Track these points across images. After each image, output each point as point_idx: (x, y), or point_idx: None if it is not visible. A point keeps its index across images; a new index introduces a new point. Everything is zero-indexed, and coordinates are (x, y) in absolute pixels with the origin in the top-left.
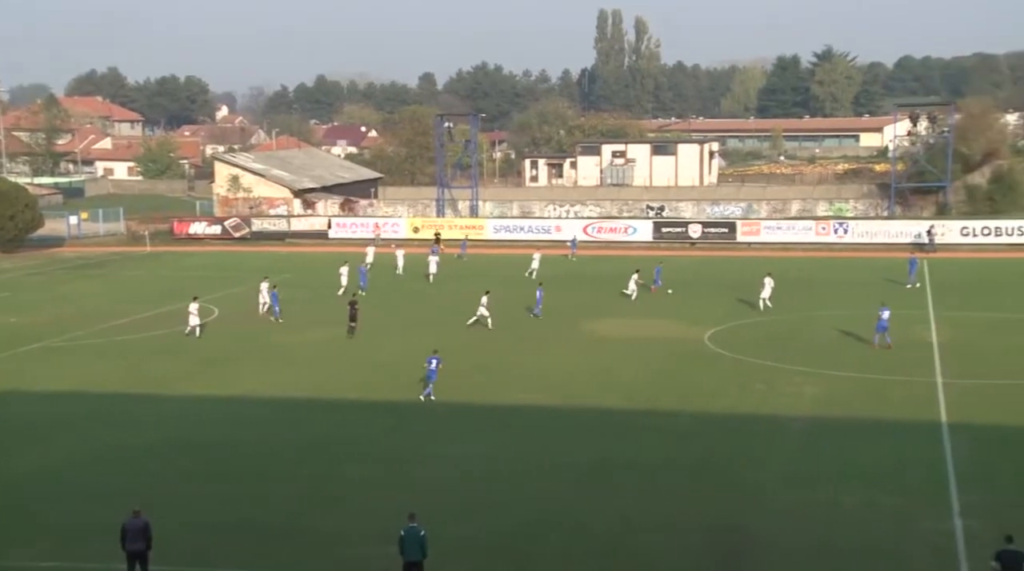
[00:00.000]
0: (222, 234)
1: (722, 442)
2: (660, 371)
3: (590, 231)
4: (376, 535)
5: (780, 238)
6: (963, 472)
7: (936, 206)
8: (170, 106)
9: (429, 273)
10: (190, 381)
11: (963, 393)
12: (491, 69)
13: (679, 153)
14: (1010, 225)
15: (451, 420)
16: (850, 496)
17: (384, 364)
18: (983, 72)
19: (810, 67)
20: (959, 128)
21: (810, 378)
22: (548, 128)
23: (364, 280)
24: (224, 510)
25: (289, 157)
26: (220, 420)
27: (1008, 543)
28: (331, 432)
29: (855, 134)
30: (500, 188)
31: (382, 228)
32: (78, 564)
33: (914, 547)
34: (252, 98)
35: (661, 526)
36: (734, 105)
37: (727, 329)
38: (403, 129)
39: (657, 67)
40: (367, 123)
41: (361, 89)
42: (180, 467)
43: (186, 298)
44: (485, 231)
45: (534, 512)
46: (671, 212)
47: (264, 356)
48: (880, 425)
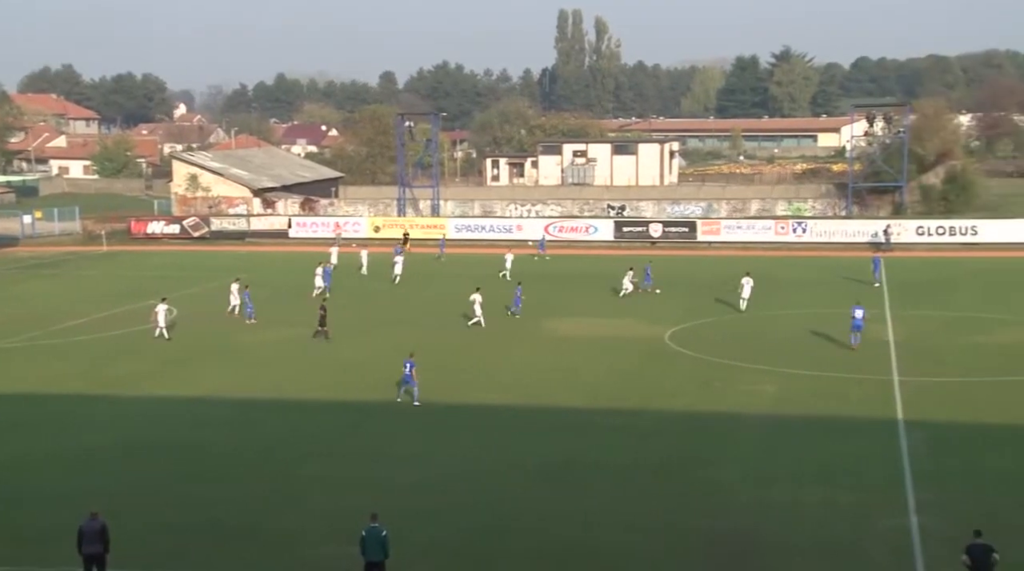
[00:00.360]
0: (180, 234)
1: (683, 441)
2: (622, 370)
3: (551, 230)
4: (338, 535)
5: (740, 237)
6: (918, 469)
7: (892, 206)
8: (126, 104)
9: (395, 274)
10: (149, 382)
11: (919, 391)
12: (452, 68)
13: (640, 153)
14: (964, 225)
15: (414, 420)
16: (809, 494)
17: (347, 364)
18: (936, 73)
19: (768, 68)
20: (914, 129)
21: (769, 377)
22: (509, 127)
23: (328, 281)
24: (185, 511)
25: (248, 156)
26: (181, 421)
27: (976, 537)
28: (293, 432)
29: (813, 134)
30: (461, 187)
31: (343, 227)
32: (34, 568)
33: (871, 544)
34: (210, 96)
35: (625, 526)
36: (694, 105)
37: (688, 328)
38: (364, 128)
39: (617, 67)
40: (327, 122)
41: (321, 88)
42: (139, 468)
43: (144, 298)
44: (447, 231)
45: (498, 512)
46: (632, 211)
47: (226, 356)
48: (838, 423)
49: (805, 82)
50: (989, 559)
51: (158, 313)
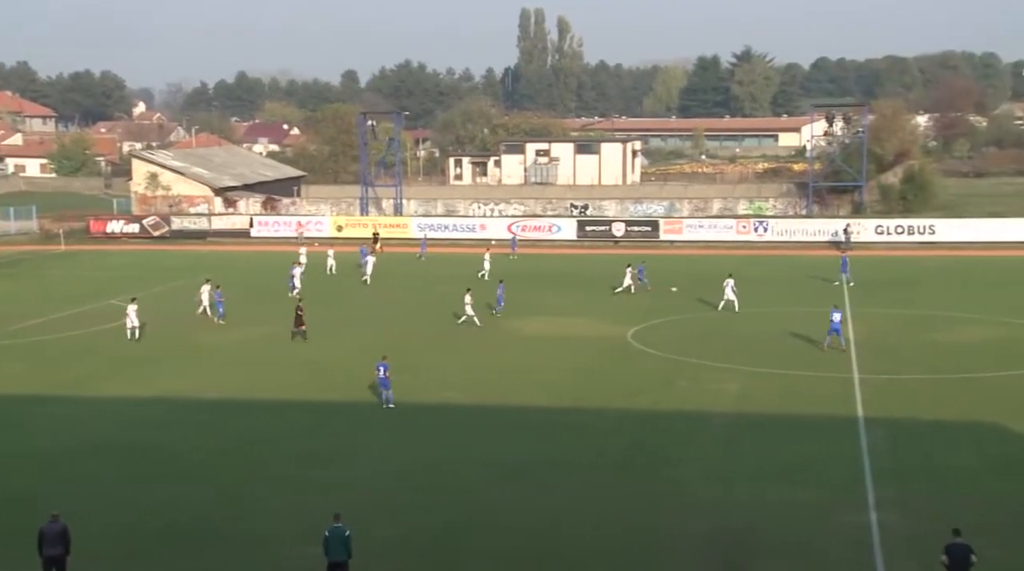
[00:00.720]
0: (140, 233)
1: (646, 440)
2: (585, 369)
3: (514, 229)
4: (300, 535)
5: (702, 236)
6: (878, 467)
7: (852, 205)
8: (84, 102)
9: (366, 274)
10: (109, 382)
11: (879, 389)
12: (415, 67)
13: (602, 152)
14: (922, 224)
15: (376, 420)
16: (770, 492)
17: (311, 364)
18: (894, 74)
19: (730, 67)
20: (873, 129)
21: (732, 375)
22: (472, 127)
23: (292, 281)
24: (147, 513)
25: (209, 155)
26: (143, 422)
27: (955, 536)
28: (254, 433)
29: (774, 134)
30: (424, 187)
31: (305, 227)
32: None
33: (832, 540)
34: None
35: (589, 524)
36: (656, 104)
37: (650, 327)
38: (326, 127)
39: (580, 66)
40: (289, 121)
41: (283, 86)
42: (99, 470)
43: (104, 298)
44: (409, 230)
45: (461, 512)
46: (595, 211)
47: (188, 356)
48: (800, 421)
49: (766, 82)
50: (967, 559)
51: (129, 313)
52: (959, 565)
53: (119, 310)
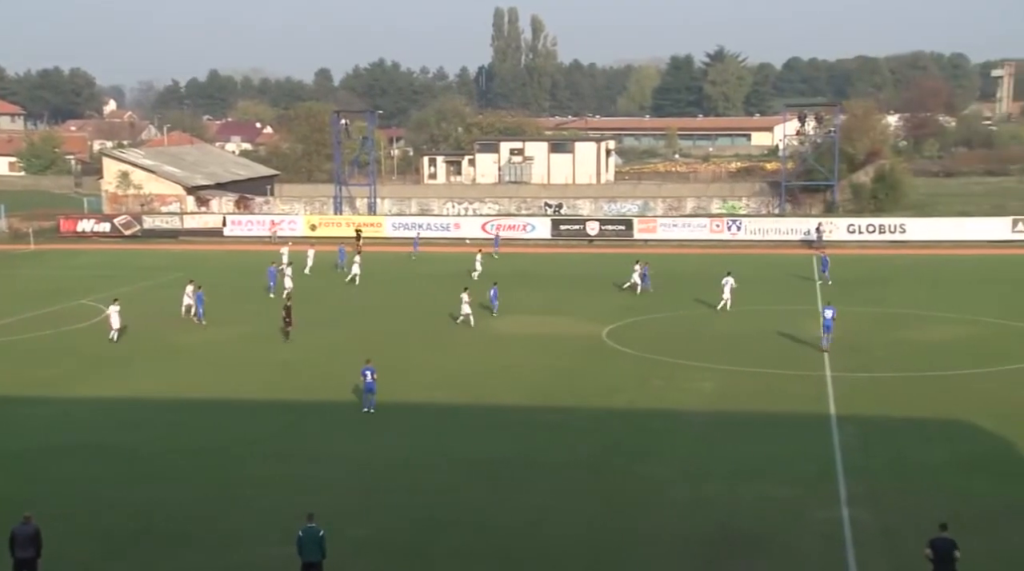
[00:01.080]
0: (112, 232)
1: (621, 438)
2: (560, 368)
3: (489, 229)
4: (275, 536)
5: (676, 235)
6: (850, 463)
7: (824, 204)
8: (53, 99)
9: (352, 273)
10: (81, 383)
11: (851, 387)
12: (388, 66)
13: (576, 151)
14: (893, 222)
15: (351, 419)
16: (745, 488)
17: (284, 364)
18: (865, 74)
19: (703, 67)
20: (844, 128)
21: (707, 373)
22: (446, 125)
23: (272, 281)
24: (119, 515)
25: (181, 153)
26: (113, 423)
27: (942, 531)
28: (228, 433)
29: (747, 133)
30: (398, 186)
31: (279, 226)
32: None
33: (805, 536)
34: (141, 92)
35: (563, 522)
36: (630, 104)
37: (625, 325)
38: (299, 126)
39: (554, 65)
40: (262, 119)
41: (255, 85)
42: (72, 472)
43: (74, 297)
44: (383, 229)
45: (435, 510)
46: (569, 210)
47: (160, 356)
48: (774, 418)
49: (739, 82)
50: (952, 553)
51: (112, 314)
52: (943, 560)
53: (91, 310)
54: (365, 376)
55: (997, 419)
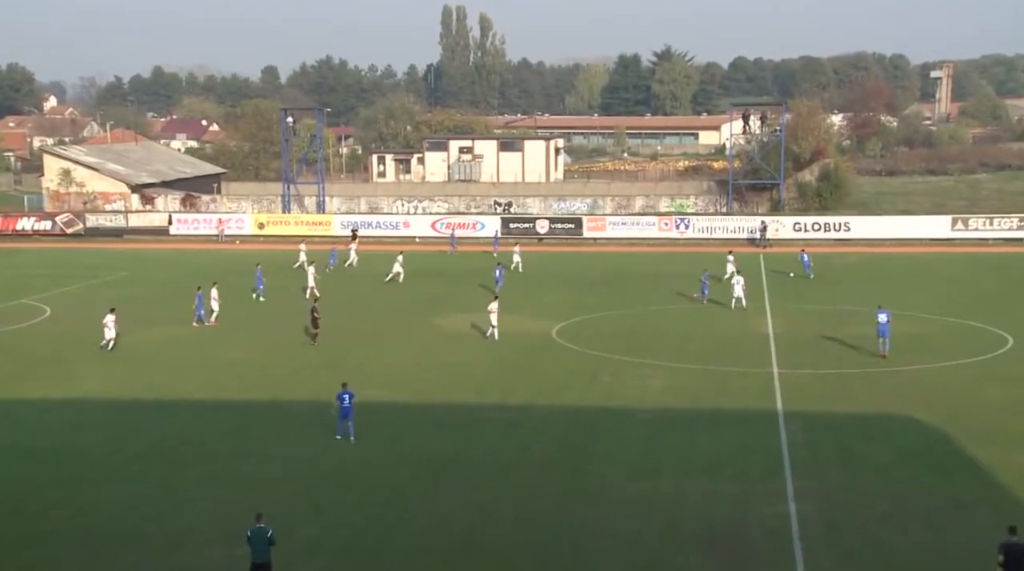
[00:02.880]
0: (53, 230)
1: (571, 436)
2: (510, 366)
3: (439, 227)
4: (223, 537)
5: (625, 234)
6: (797, 458)
7: (771, 202)
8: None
9: (396, 273)
10: (20, 384)
11: (797, 383)
12: (336, 63)
13: (525, 149)
14: (837, 221)
15: (298, 419)
16: (693, 485)
17: (230, 363)
18: (809, 74)
19: (650, 66)
20: (789, 127)
21: (655, 370)
22: (395, 123)
23: (261, 283)
24: (59, 519)
25: (125, 151)
26: (54, 424)
27: (1011, 535)
28: (174, 433)
29: (694, 132)
30: (347, 184)
31: (226, 224)
32: None
33: (753, 531)
34: (83, 89)
35: (514, 520)
36: (578, 102)
37: (574, 323)
38: (246, 123)
39: (502, 64)
40: (208, 117)
41: (201, 82)
42: (12, 474)
43: (15, 297)
44: (332, 227)
45: (385, 509)
46: (518, 208)
47: (103, 356)
48: (722, 415)
49: (686, 81)
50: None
51: (107, 324)
52: (1018, 564)
53: (32, 309)
54: (342, 401)
55: (939, 414)
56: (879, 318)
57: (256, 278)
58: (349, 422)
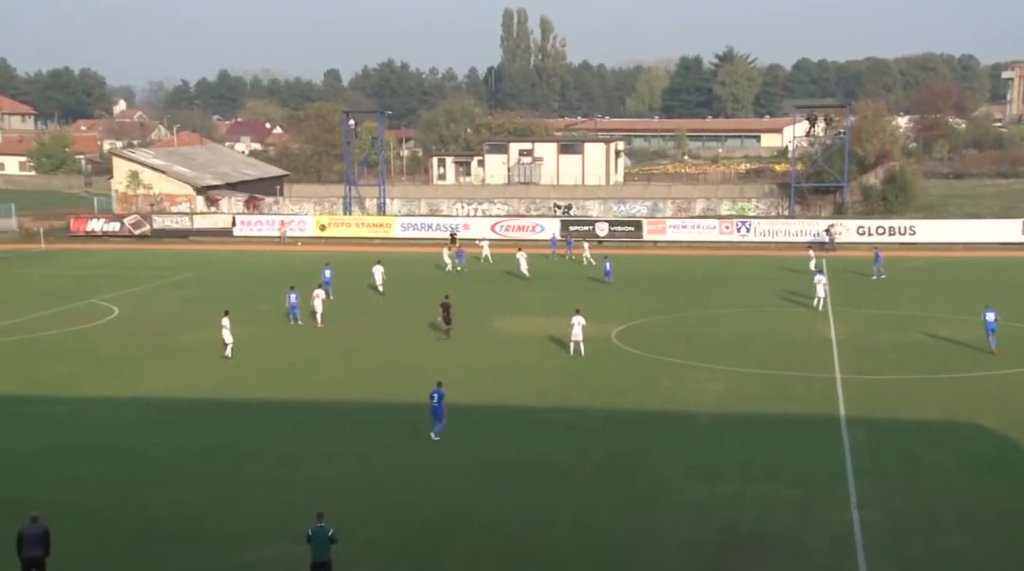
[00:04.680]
0: (122, 232)
1: (629, 439)
2: (569, 368)
3: (498, 229)
4: (284, 535)
5: (685, 237)
6: (860, 464)
7: (834, 206)
8: (64, 99)
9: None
10: (88, 383)
11: (860, 388)
12: (397, 66)
13: (586, 152)
14: (902, 224)
15: (358, 420)
16: (753, 490)
17: (292, 364)
18: (875, 75)
19: (712, 68)
20: (854, 130)
21: (715, 374)
22: (455, 126)
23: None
24: (126, 514)
25: (191, 153)
26: (120, 423)
27: None
28: (236, 433)
29: (756, 134)
30: (408, 186)
31: (288, 225)
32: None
33: (814, 537)
34: (151, 92)
35: (571, 523)
36: (639, 105)
37: (634, 326)
38: (309, 126)
39: (563, 66)
40: (271, 119)
41: (265, 85)
42: (77, 472)
43: (84, 297)
44: (393, 229)
45: (444, 511)
46: (578, 210)
47: (168, 356)
48: (783, 419)
49: (748, 83)
50: None
51: (224, 327)
52: None
53: (101, 309)
54: (432, 399)
55: (1006, 421)
56: (987, 317)
57: (325, 279)
58: (439, 421)
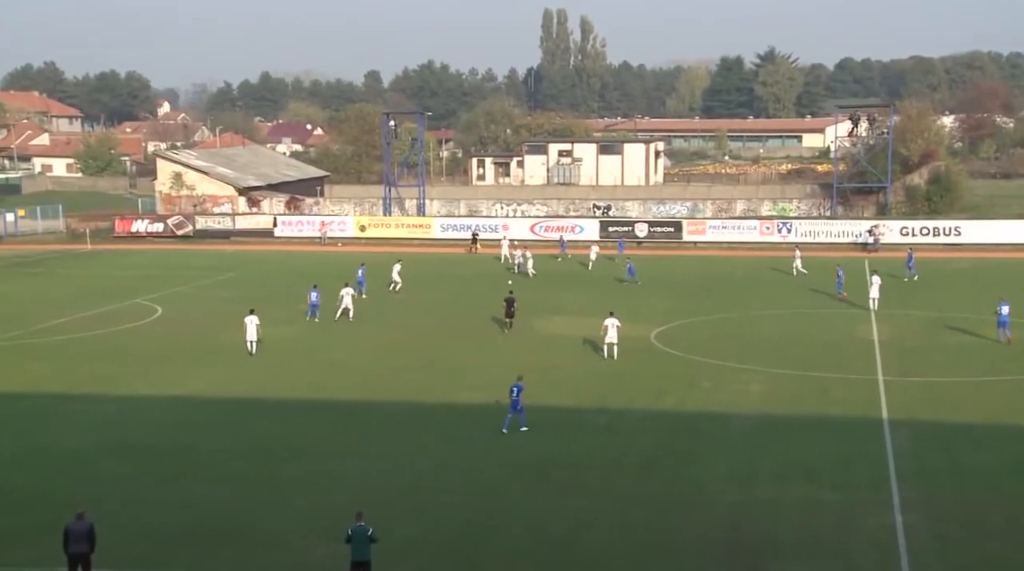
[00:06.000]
0: (165, 232)
1: (668, 440)
2: (608, 370)
3: (537, 230)
4: (324, 534)
5: (725, 237)
6: (903, 468)
7: (877, 206)
8: (110, 102)
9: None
10: (132, 382)
11: (904, 390)
12: (437, 67)
13: (625, 152)
14: (947, 225)
15: (398, 419)
16: (793, 492)
17: (331, 363)
18: (920, 74)
19: (753, 68)
20: (898, 130)
21: (756, 376)
22: (495, 127)
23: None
24: (169, 512)
25: (233, 155)
26: (163, 422)
27: None
28: (277, 432)
29: (798, 135)
30: (447, 187)
31: (328, 226)
32: (14, 569)
33: (856, 542)
34: (195, 95)
35: (610, 524)
36: (679, 105)
37: (673, 328)
38: (349, 127)
39: (603, 67)
40: (312, 121)
41: (306, 86)
42: (121, 470)
43: (128, 297)
44: (432, 230)
45: (482, 511)
46: (617, 211)
47: (209, 356)
48: (824, 422)
49: (790, 82)
50: None
51: (248, 325)
52: None
53: (145, 309)
54: (511, 393)
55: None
56: (1001, 310)
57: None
58: (519, 414)
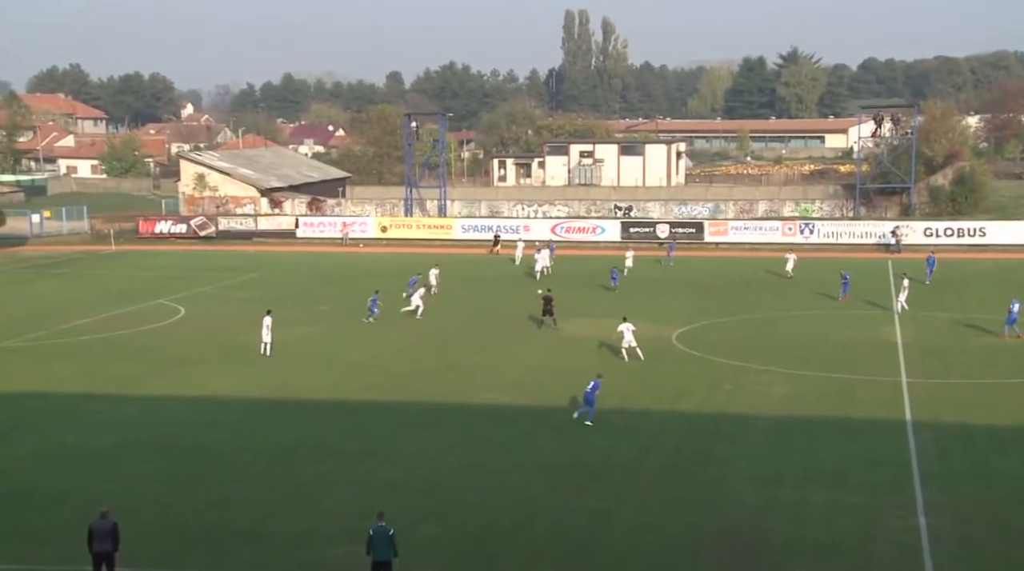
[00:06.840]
0: (188, 233)
1: (690, 441)
2: (629, 371)
3: (558, 231)
4: (346, 535)
5: (747, 238)
6: (927, 470)
7: (900, 207)
8: (134, 104)
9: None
10: (155, 382)
11: (927, 392)
12: (459, 68)
13: (647, 153)
14: (972, 226)
15: (419, 420)
16: (816, 494)
17: (353, 364)
18: (944, 74)
19: (776, 68)
20: (922, 130)
21: (777, 377)
22: (516, 128)
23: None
24: (191, 512)
25: (256, 156)
26: (185, 422)
27: None
28: (298, 433)
29: (820, 135)
30: (468, 188)
31: (350, 227)
32: (39, 567)
33: (879, 544)
34: (218, 96)
35: (631, 525)
36: (701, 106)
37: (695, 329)
38: (371, 128)
39: (624, 67)
40: (334, 122)
41: (328, 88)
42: (143, 470)
43: (152, 297)
44: (453, 231)
45: (503, 512)
46: (639, 212)
47: (232, 356)
48: (847, 424)
49: (812, 83)
50: None
51: (265, 326)
52: None
53: (168, 309)
54: (588, 386)
55: None
56: (1012, 308)
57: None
58: (590, 407)
